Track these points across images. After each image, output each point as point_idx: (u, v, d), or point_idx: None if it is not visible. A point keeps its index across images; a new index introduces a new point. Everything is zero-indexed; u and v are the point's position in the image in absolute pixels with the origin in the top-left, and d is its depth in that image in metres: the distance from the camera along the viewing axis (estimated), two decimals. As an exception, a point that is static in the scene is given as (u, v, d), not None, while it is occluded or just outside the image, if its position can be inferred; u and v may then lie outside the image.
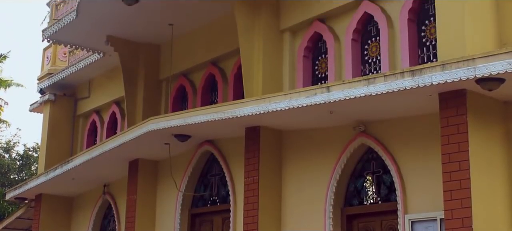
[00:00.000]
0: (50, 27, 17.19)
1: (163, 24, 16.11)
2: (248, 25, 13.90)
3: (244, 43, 13.83)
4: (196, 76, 16.78)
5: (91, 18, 15.96)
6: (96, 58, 18.80)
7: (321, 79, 13.54)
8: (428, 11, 11.75)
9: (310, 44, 13.72)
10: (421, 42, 11.82)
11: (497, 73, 8.51)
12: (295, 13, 13.85)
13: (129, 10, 15.23)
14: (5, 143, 36.30)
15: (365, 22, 12.79)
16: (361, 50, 12.88)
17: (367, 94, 9.75)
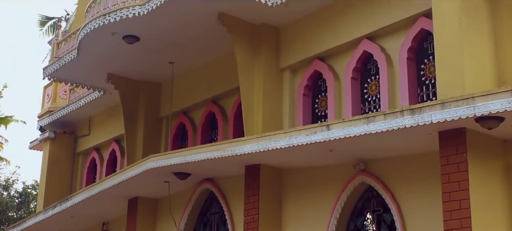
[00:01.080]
0: (51, 65, 17.29)
1: (163, 62, 16.21)
2: (248, 63, 13.98)
3: (244, 81, 13.89)
4: (196, 114, 16.82)
5: (92, 56, 16.06)
6: (96, 96, 18.85)
7: (321, 118, 13.57)
8: (427, 50, 11.83)
9: (310, 82, 13.78)
10: (421, 81, 11.88)
11: (496, 112, 8.53)
12: (295, 51, 13.94)
13: (130, 48, 15.34)
14: (4, 181, 36.19)
15: (364, 61, 12.87)
16: (361, 89, 12.93)
17: (367, 133, 9.75)
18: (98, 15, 14.40)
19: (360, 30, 12.70)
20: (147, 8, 13.67)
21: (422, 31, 11.71)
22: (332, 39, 13.20)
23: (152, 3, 13.56)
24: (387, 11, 12.20)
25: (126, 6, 13.97)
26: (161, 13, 13.70)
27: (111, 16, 14.09)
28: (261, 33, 14.13)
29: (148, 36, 14.84)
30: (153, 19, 13.96)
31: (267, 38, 14.13)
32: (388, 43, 12.37)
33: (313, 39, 13.55)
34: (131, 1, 14.02)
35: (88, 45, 15.45)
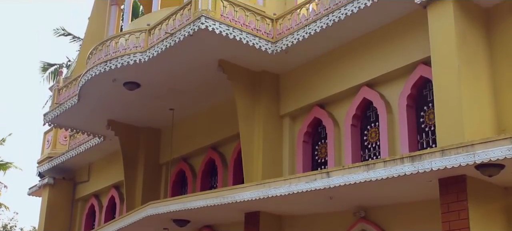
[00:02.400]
0: (51, 111, 17.35)
1: (164, 108, 16.26)
2: (248, 110, 14.03)
3: (244, 127, 13.91)
4: (196, 161, 16.80)
5: (92, 102, 16.12)
6: (96, 142, 18.86)
7: (321, 165, 13.55)
8: (426, 97, 11.88)
9: (310, 129, 13.80)
10: (420, 128, 11.90)
11: (496, 159, 8.52)
12: (295, 98, 14.00)
13: (130, 95, 15.41)
14: (2, 227, 35.93)
15: (364, 108, 12.91)
16: (360, 136, 12.94)
17: (367, 180, 9.73)
18: (99, 61, 14.51)
19: (359, 77, 12.78)
20: (148, 55, 13.78)
21: (421, 78, 11.77)
22: (332, 86, 13.27)
23: (153, 50, 13.67)
24: (386, 59, 12.29)
25: (127, 53, 14.08)
26: (162, 60, 13.81)
27: (112, 63, 14.19)
28: (261, 80, 14.22)
29: (149, 83, 14.92)
30: (154, 66, 14.05)
31: (267, 85, 14.21)
32: (388, 91, 12.43)
33: (313, 86, 13.62)
34: (132, 48, 14.15)
35: (89, 92, 15.53)
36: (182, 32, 13.02)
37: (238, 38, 13.03)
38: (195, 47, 13.32)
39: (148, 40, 14.05)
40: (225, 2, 13.30)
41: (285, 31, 13.51)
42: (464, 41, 10.48)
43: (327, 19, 12.53)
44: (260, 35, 13.43)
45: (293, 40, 13.14)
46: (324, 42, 13.11)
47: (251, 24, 13.45)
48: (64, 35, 29.74)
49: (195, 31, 12.73)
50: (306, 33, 12.90)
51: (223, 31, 12.83)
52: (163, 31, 13.77)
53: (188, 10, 13.37)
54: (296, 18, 13.44)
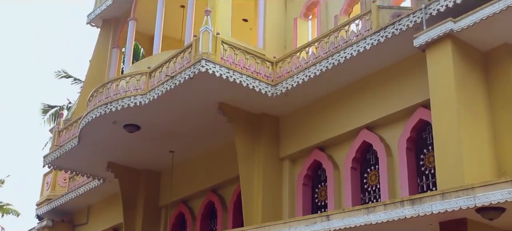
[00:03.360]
0: (51, 153, 17.34)
1: (164, 151, 16.25)
2: (248, 152, 14.02)
3: (244, 170, 13.89)
4: (195, 203, 16.73)
5: (92, 144, 16.12)
6: (95, 184, 18.81)
7: (321, 208, 13.50)
8: (426, 140, 11.90)
9: (309, 172, 13.78)
10: (420, 171, 11.88)
11: (497, 202, 8.49)
12: (294, 141, 14.01)
13: (130, 138, 15.42)
14: (0, 270, 35.58)
15: (364, 151, 12.91)
16: (360, 179, 12.92)
17: (367, 223, 9.67)
18: (100, 104, 14.56)
19: (359, 120, 12.81)
20: (149, 97, 13.83)
21: (421, 121, 11.80)
22: (332, 129, 13.30)
23: (154, 92, 13.73)
24: (385, 102, 12.34)
25: (127, 96, 14.14)
26: (162, 103, 13.85)
27: (112, 105, 14.24)
28: (261, 122, 14.25)
29: (149, 125, 14.94)
30: (154, 108, 14.10)
31: (267, 128, 14.23)
32: (387, 133, 12.45)
33: (313, 129, 13.65)
34: (133, 90, 14.21)
35: (89, 134, 15.54)
36: (183, 75, 13.10)
37: (238, 81, 13.10)
38: (196, 90, 13.39)
39: (149, 82, 14.12)
40: (226, 45, 13.41)
41: (285, 74, 13.60)
42: (463, 84, 10.54)
43: (326, 62, 12.62)
44: (260, 78, 13.50)
45: (293, 83, 13.21)
46: (323, 85, 13.18)
47: (251, 67, 13.54)
48: (66, 77, 29.86)
49: (196, 74, 12.81)
50: (305, 76, 12.97)
51: (223, 74, 12.91)
52: (163, 73, 13.85)
53: (188, 53, 13.47)
54: (296, 61, 13.53)
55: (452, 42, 10.60)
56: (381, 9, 12.19)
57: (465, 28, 10.44)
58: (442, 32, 10.61)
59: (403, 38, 11.51)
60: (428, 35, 10.80)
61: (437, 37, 10.69)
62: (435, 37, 10.72)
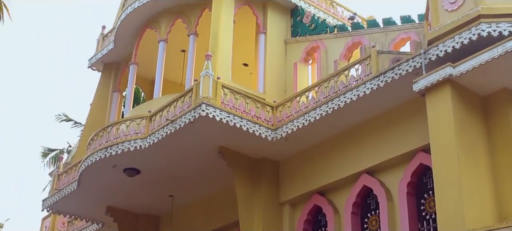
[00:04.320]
0: (50, 197, 17.26)
1: (163, 195, 16.19)
2: (248, 197, 13.97)
3: (244, 215, 13.81)
4: (195, 248, 16.58)
5: (92, 188, 16.06)
6: (94, 228, 18.67)
7: (322, 253, 13.39)
8: (426, 184, 11.86)
9: (310, 217, 13.70)
10: (421, 216, 11.82)
11: (498, 247, 8.45)
12: (294, 186, 13.96)
13: (130, 181, 15.38)
14: None
15: (364, 196, 12.86)
16: (361, 224, 12.84)
17: (368, 269, 9.62)
18: (100, 147, 14.55)
19: (359, 165, 12.79)
20: (149, 141, 13.84)
21: (421, 166, 11.79)
22: (332, 173, 13.27)
23: (154, 136, 13.74)
24: (386, 146, 12.34)
25: (127, 140, 14.15)
26: (163, 147, 13.85)
27: (112, 149, 14.24)
28: (261, 167, 14.22)
29: (149, 169, 14.91)
30: (154, 152, 14.09)
31: (267, 172, 14.20)
32: (388, 178, 12.42)
33: (313, 174, 13.61)
34: (133, 134, 14.22)
35: (89, 178, 15.50)
36: (183, 119, 13.13)
37: (239, 125, 13.12)
38: (196, 134, 13.39)
39: (149, 126, 14.15)
40: (226, 90, 13.47)
41: (285, 118, 13.62)
42: (463, 129, 10.55)
43: (326, 107, 12.66)
44: (260, 123, 13.53)
45: (293, 128, 13.23)
46: (324, 130, 13.20)
47: (251, 111, 13.57)
48: (66, 120, 29.91)
49: (196, 118, 12.84)
50: (306, 121, 13.00)
51: (223, 118, 12.93)
52: (164, 117, 13.88)
53: (189, 97, 13.52)
54: (296, 105, 13.57)
55: (451, 87, 10.65)
56: (381, 54, 12.28)
57: (464, 73, 10.50)
58: (441, 77, 10.67)
59: (402, 83, 11.57)
60: (428, 80, 10.85)
61: (437, 82, 10.74)
62: (434, 82, 10.77)
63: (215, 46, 14.69)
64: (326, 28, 15.47)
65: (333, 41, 15.04)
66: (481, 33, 10.39)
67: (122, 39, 17.99)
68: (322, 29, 15.53)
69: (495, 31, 10.33)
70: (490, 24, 10.39)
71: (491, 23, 10.39)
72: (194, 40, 16.09)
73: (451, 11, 11.02)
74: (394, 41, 13.57)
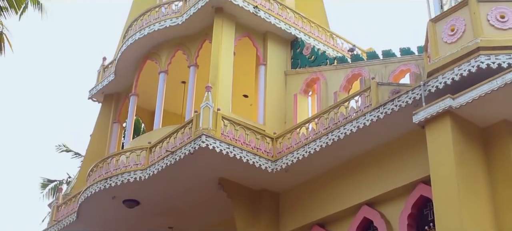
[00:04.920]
0: (49, 228, 17.19)
1: (163, 227, 16.10)
2: (248, 228, 13.89)
3: (244, 246, 13.75)
4: (193, 281, 16.45)
5: (91, 220, 15.99)
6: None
7: None
8: (427, 216, 11.81)
9: (310, 249, 13.63)
10: (422, 248, 11.77)
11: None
12: (294, 217, 13.90)
13: (129, 213, 15.32)
14: None
15: (365, 228, 12.79)
16: (361, 256, 12.77)
17: None
18: (99, 178, 14.54)
19: (359, 197, 12.76)
20: (148, 173, 13.82)
21: (422, 198, 11.75)
22: (332, 205, 13.22)
23: (154, 168, 13.73)
24: (386, 178, 12.32)
25: (127, 171, 14.13)
26: (162, 178, 13.83)
27: (112, 180, 14.22)
28: (261, 198, 14.18)
29: (148, 200, 14.87)
30: (154, 183, 14.06)
31: (267, 204, 14.15)
32: (388, 210, 12.37)
33: (313, 205, 13.57)
34: (133, 165, 14.21)
35: (88, 209, 15.45)
36: (183, 150, 13.13)
37: (239, 157, 13.12)
38: (196, 166, 13.38)
39: (149, 157, 14.14)
40: (226, 121, 13.49)
41: (285, 150, 13.62)
42: (463, 161, 10.54)
43: (326, 138, 12.67)
44: (260, 154, 13.52)
45: (293, 159, 13.22)
46: (324, 161, 13.19)
47: (251, 143, 13.57)
48: (66, 151, 29.87)
49: (196, 149, 12.84)
50: (306, 152, 12.99)
51: (223, 150, 12.93)
52: (164, 149, 13.88)
53: (189, 128, 13.54)
54: (296, 137, 13.58)
55: (451, 119, 10.66)
56: (380, 86, 12.32)
57: (464, 104, 10.53)
58: (441, 108, 10.69)
59: (402, 114, 11.59)
60: (427, 112, 10.87)
61: (436, 114, 10.76)
62: (434, 113, 10.79)
63: (215, 78, 14.75)
64: (326, 60, 15.54)
65: (333, 73, 15.10)
66: (481, 65, 10.44)
67: (123, 70, 18.06)
68: (322, 61, 15.60)
69: (494, 63, 10.38)
70: (489, 56, 10.44)
71: (490, 55, 10.45)
72: (194, 72, 16.17)
73: (450, 43, 11.10)
74: (394, 73, 13.62)
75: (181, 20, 16.19)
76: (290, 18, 16.65)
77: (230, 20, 15.77)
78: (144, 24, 16.84)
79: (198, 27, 16.22)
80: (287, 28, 16.37)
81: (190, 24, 16.14)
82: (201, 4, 15.67)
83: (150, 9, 17.04)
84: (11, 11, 16.22)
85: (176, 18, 16.30)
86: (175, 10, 16.61)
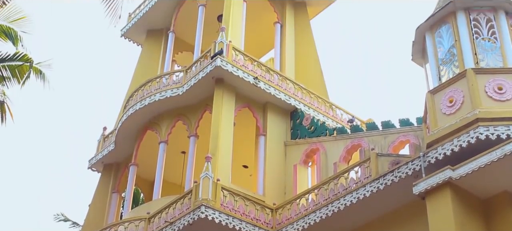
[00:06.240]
0: None
1: None
2: None
3: None
4: None
5: None
6: None
7: None
8: None
9: None
10: None
11: None
12: None
13: None
14: None
15: None
16: None
17: None
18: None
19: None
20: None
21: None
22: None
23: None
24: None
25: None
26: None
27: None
28: None
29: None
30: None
31: None
32: None
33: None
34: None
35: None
36: (182, 220, 13.03)
37: (238, 228, 13.02)
38: None
39: (148, 228, 14.03)
40: (225, 192, 13.44)
41: (284, 221, 13.52)
42: (464, 232, 10.47)
43: (326, 209, 12.60)
44: (260, 225, 13.42)
45: (293, 230, 13.11)
46: (324, 232, 13.08)
47: (251, 214, 13.49)
48: (64, 221, 29.66)
49: (195, 220, 12.76)
50: (305, 224, 12.90)
51: (223, 221, 12.85)
52: (163, 219, 13.79)
53: (188, 199, 13.48)
54: (296, 208, 13.51)
55: (451, 190, 10.63)
56: (380, 156, 12.33)
57: (464, 176, 10.51)
58: (441, 180, 10.67)
59: (402, 185, 11.56)
60: (427, 183, 10.85)
61: (437, 185, 10.74)
62: (434, 185, 10.76)
63: (215, 148, 14.75)
64: (326, 130, 15.59)
65: (332, 143, 15.12)
66: (480, 136, 10.48)
67: (123, 140, 18.10)
68: (322, 131, 15.64)
69: (493, 134, 10.42)
70: (488, 128, 10.49)
71: (489, 126, 10.50)
72: (194, 142, 16.19)
73: (449, 114, 11.17)
74: (393, 144, 13.64)
75: (181, 91, 16.31)
76: (290, 89, 16.78)
77: (231, 90, 15.90)
78: (145, 94, 16.97)
79: (199, 97, 16.35)
80: (287, 99, 16.48)
81: (190, 94, 16.27)
82: (202, 75, 15.81)
83: (151, 79, 17.21)
84: (13, 80, 16.36)
85: (177, 89, 16.43)
86: (176, 81, 16.76)
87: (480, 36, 11.91)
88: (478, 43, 11.81)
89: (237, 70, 15.71)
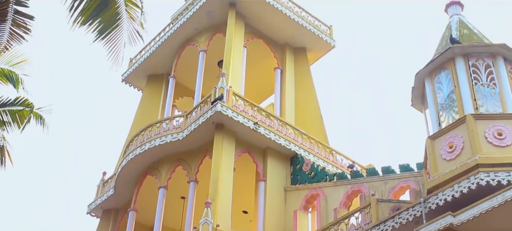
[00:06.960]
0: None
1: None
2: None
3: None
4: None
5: None
6: None
7: None
8: None
9: None
10: None
11: None
12: None
13: None
14: None
15: None
16: None
17: None
18: None
19: None
20: None
21: None
22: None
23: None
24: None
25: None
26: None
27: None
28: None
29: None
30: None
31: None
32: None
33: None
34: None
35: None
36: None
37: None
38: None
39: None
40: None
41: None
42: None
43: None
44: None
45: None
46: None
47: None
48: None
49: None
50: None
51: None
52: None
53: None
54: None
55: (452, 236, 10.55)
56: (381, 202, 12.26)
57: (465, 222, 10.44)
58: (442, 226, 10.59)
59: (403, 231, 11.47)
60: (428, 229, 10.76)
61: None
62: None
63: (215, 193, 14.69)
64: (326, 176, 15.54)
65: (332, 189, 15.05)
66: (480, 182, 10.44)
67: (123, 185, 18.02)
68: (322, 177, 15.59)
69: (494, 180, 10.39)
70: (489, 173, 10.46)
71: (489, 172, 10.48)
72: (194, 187, 16.12)
73: (449, 160, 11.15)
74: (394, 190, 13.58)
75: (181, 136, 16.31)
76: (290, 134, 16.78)
77: (231, 136, 15.89)
78: (145, 139, 16.96)
79: (199, 142, 16.34)
80: (287, 144, 16.46)
81: (190, 139, 16.26)
82: (202, 120, 15.83)
83: (152, 124, 17.22)
84: (14, 125, 16.35)
85: (177, 134, 16.43)
86: (176, 126, 16.77)
87: (479, 82, 11.97)
88: (477, 89, 11.86)
89: (237, 116, 15.73)
